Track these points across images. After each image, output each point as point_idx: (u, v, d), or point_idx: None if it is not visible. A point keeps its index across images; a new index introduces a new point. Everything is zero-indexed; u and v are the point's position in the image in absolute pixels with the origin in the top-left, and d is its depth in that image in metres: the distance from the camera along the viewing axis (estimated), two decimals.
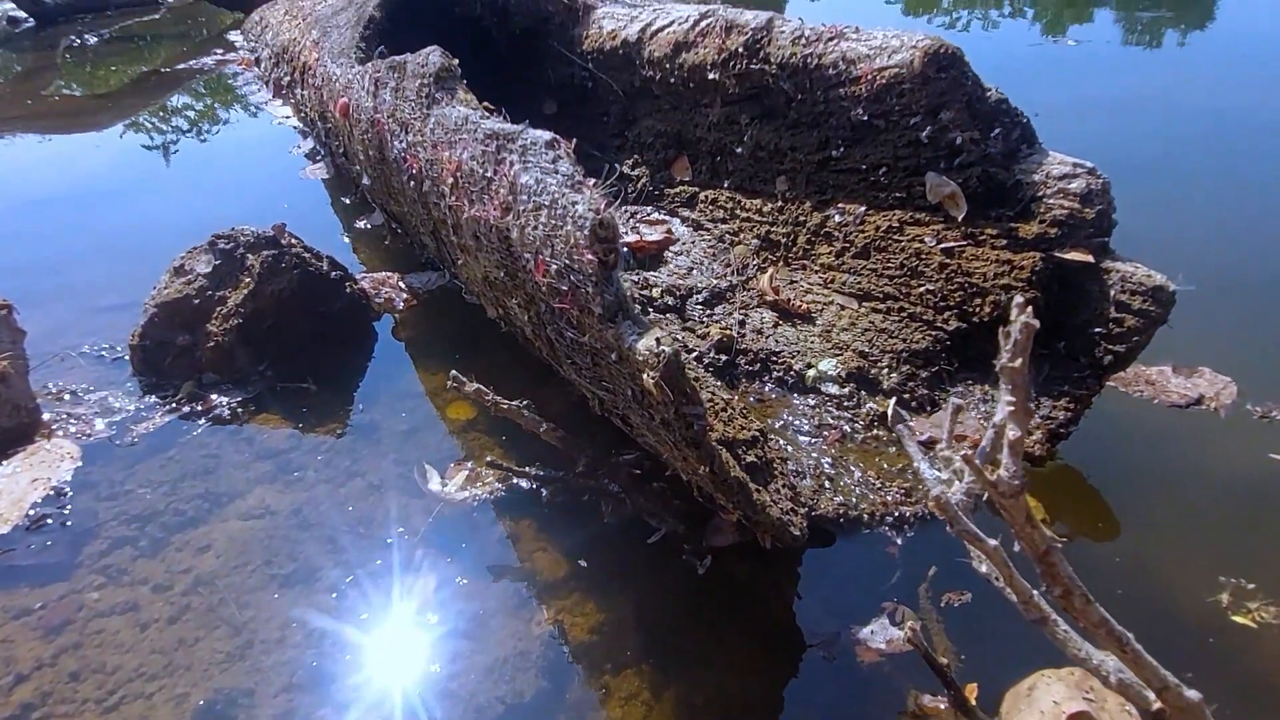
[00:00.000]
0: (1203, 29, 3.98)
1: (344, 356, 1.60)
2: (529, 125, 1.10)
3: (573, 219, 0.86)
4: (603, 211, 0.84)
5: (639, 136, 2.01)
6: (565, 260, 0.89)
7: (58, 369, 1.60)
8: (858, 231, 1.45)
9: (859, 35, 1.43)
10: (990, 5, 4.96)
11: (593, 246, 0.84)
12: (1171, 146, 2.38)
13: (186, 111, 3.55)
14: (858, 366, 1.32)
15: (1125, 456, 1.29)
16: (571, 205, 0.87)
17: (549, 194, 0.91)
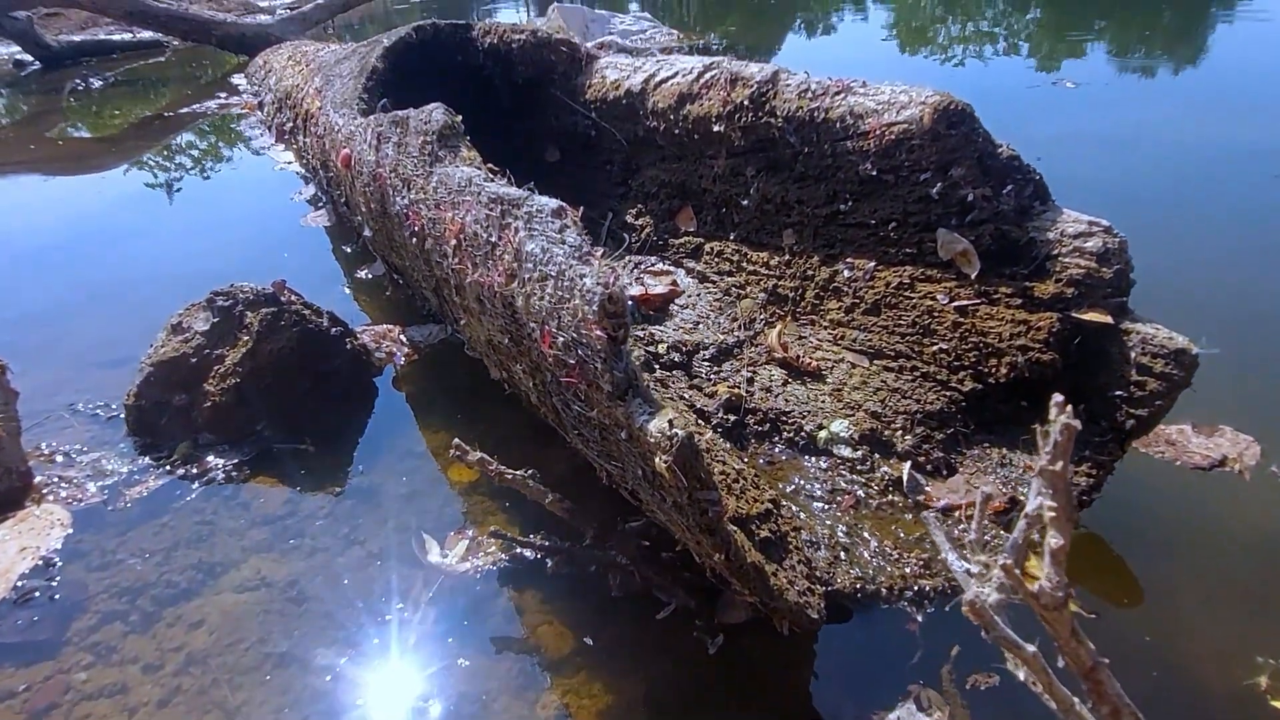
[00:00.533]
0: (1195, 65, 4.01)
1: (344, 414, 1.56)
2: (534, 188, 1.08)
3: (581, 292, 0.83)
4: (612, 286, 0.81)
5: (643, 186, 2.00)
6: (573, 334, 0.86)
7: (51, 428, 1.57)
8: (868, 287, 1.42)
9: (866, 90, 1.41)
10: (984, 42, 5.01)
11: (602, 322, 0.81)
12: (1180, 186, 2.36)
13: (189, 156, 3.56)
14: (870, 428, 1.28)
15: (1149, 521, 1.25)
16: (579, 278, 0.84)
17: (556, 264, 0.89)
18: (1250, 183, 2.35)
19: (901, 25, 5.87)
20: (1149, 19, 5.26)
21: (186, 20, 5.28)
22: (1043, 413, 1.21)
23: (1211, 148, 2.66)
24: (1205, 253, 1.97)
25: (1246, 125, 2.85)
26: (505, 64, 2.29)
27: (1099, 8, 5.71)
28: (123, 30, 6.45)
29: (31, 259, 2.47)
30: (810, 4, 7.41)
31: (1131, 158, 2.63)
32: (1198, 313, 1.66)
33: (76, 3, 5.16)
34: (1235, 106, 3.11)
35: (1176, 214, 2.19)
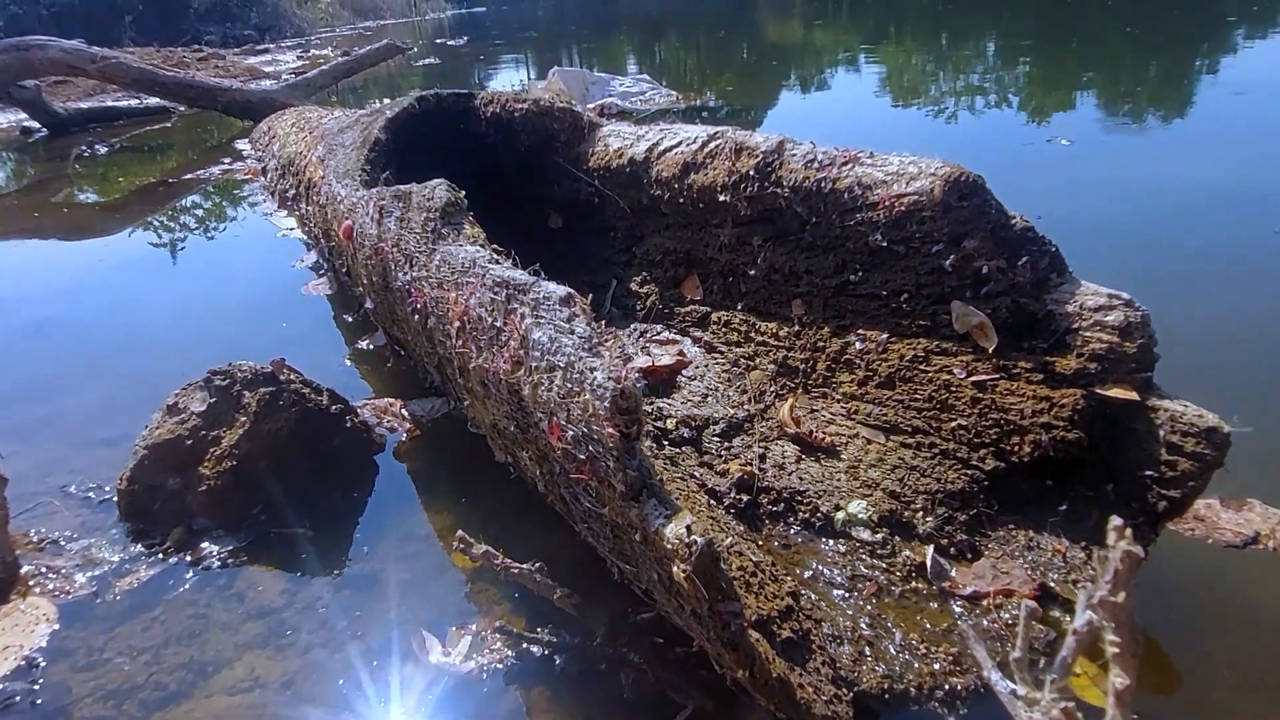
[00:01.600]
0: (1184, 116, 4.05)
1: (343, 495, 1.52)
2: (540, 270, 1.05)
3: (591, 387, 0.80)
4: (624, 380, 0.78)
5: (647, 254, 1.98)
6: (583, 428, 0.82)
7: (41, 513, 1.52)
8: (880, 360, 1.39)
9: (874, 160, 1.40)
10: (975, 96, 5.07)
11: (614, 419, 0.77)
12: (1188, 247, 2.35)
13: (192, 222, 3.57)
14: (890, 509, 1.23)
15: (1183, 602, 1.19)
16: (589, 371, 0.81)
17: (564, 355, 0.85)
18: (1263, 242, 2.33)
19: (894, 81, 5.97)
20: (1136, 72, 5.34)
21: (193, 87, 5.37)
22: (1069, 493, 1.17)
23: (1217, 204, 2.65)
24: (1218, 313, 1.94)
25: (1244, 174, 2.86)
26: (508, 132, 2.30)
27: (1085, 61, 5.80)
28: (130, 97, 6.55)
29: (30, 329, 2.45)
30: (804, 61, 7.56)
31: (1137, 218, 2.63)
32: (1219, 376, 1.63)
33: (84, 71, 5.25)
34: (1231, 158, 3.12)
35: (1189, 274, 2.17)
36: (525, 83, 7.56)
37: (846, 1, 15.81)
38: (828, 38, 9.34)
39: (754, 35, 10.58)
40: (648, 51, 10.03)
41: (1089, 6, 9.03)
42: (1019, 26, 8.13)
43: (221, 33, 13.14)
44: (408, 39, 10.65)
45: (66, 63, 5.12)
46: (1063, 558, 1.12)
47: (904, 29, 9.29)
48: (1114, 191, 2.88)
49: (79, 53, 5.13)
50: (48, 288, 2.83)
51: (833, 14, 13.46)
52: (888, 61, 6.86)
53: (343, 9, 19.07)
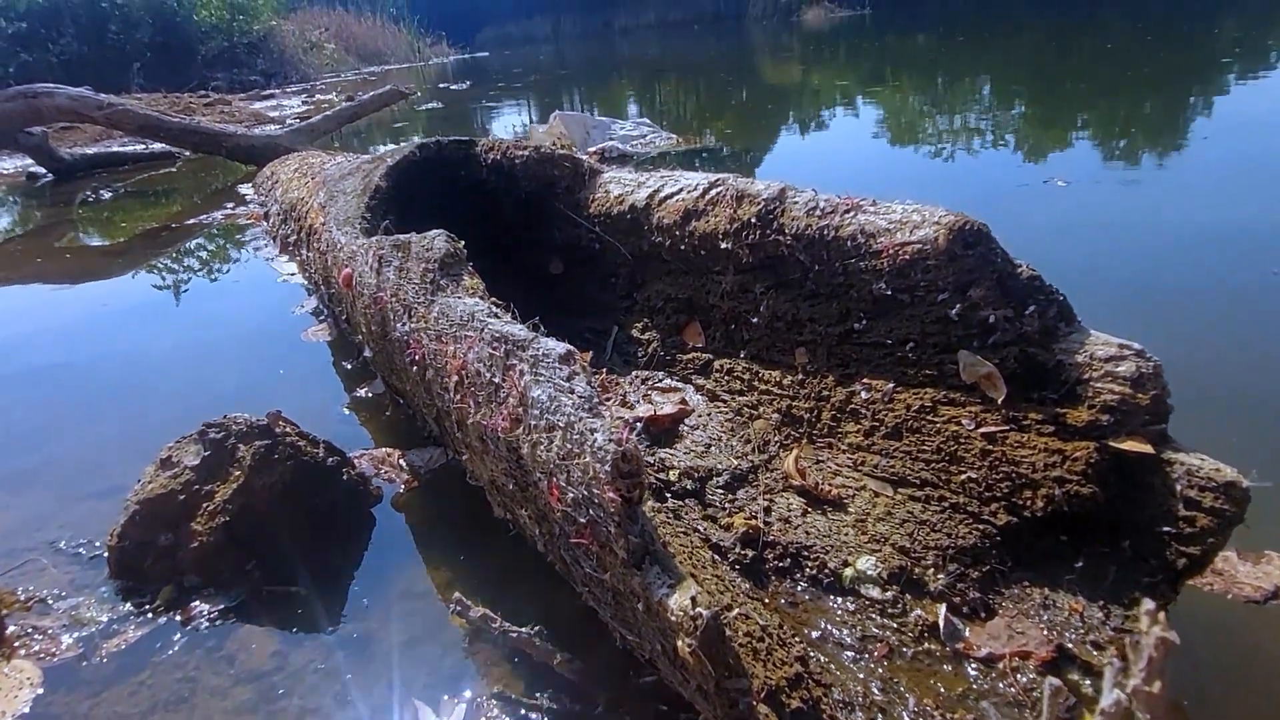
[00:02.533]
0: (1180, 155, 4.07)
1: (339, 551, 1.48)
2: (540, 325, 1.04)
3: (591, 449, 0.77)
4: (626, 442, 0.75)
5: (649, 300, 1.97)
6: (583, 490, 0.79)
7: (29, 570, 1.49)
8: (887, 409, 1.36)
9: (876, 208, 1.39)
10: (971, 137, 5.12)
11: (615, 483, 0.74)
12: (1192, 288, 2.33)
13: (193, 268, 3.57)
14: (899, 565, 1.20)
15: (1200, 660, 1.15)
16: (590, 432, 0.78)
17: (564, 414, 0.83)
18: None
19: (891, 122, 6.03)
20: (1131, 112, 5.39)
21: (197, 133, 5.43)
22: (1084, 549, 1.13)
23: (1216, 245, 2.64)
24: (1227, 358, 1.92)
25: (1242, 214, 2.85)
26: (508, 179, 2.30)
27: (1079, 101, 5.87)
28: (135, 142, 6.63)
29: (25, 376, 2.43)
30: (802, 104, 7.65)
31: (1138, 260, 2.62)
32: (1232, 425, 1.60)
33: (90, 118, 5.31)
34: (1228, 198, 3.12)
35: (1194, 318, 2.15)
36: (526, 126, 7.65)
37: (843, 44, 16.08)
38: (825, 80, 9.47)
39: (752, 78, 10.73)
40: (647, 94, 10.17)
41: (1083, 48, 9.17)
42: (1014, 69, 8.24)
43: (228, 78, 13.35)
44: (411, 83, 10.82)
45: (73, 110, 5.18)
46: (1080, 617, 1.08)
47: (899, 71, 9.41)
48: (1113, 232, 2.87)
49: (85, 99, 5.20)
50: (46, 333, 2.82)
51: (829, 57, 13.67)
52: (884, 103, 6.94)
53: (347, 54, 19.41)
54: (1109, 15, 13.26)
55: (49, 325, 2.90)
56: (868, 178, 4.17)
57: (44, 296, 3.33)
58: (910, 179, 4.05)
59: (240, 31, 14.44)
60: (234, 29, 14.35)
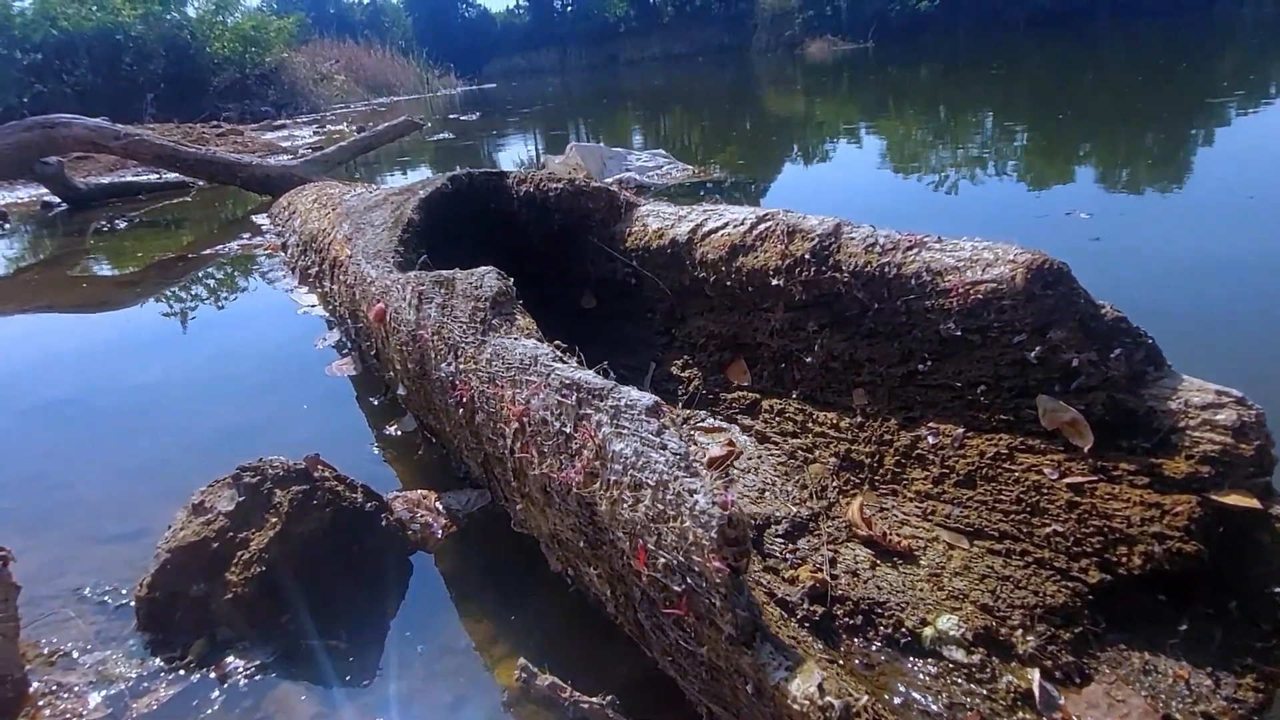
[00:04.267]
0: (1199, 185, 4.04)
1: (377, 601, 1.41)
2: (609, 369, 0.98)
3: (691, 513, 0.71)
4: (730, 507, 0.69)
5: (689, 336, 1.91)
6: (679, 557, 0.73)
7: (52, 620, 1.41)
8: (957, 456, 1.30)
9: (942, 245, 1.34)
10: (976, 168, 5.10)
11: (720, 551, 0.68)
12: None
13: (210, 299, 3.53)
14: (984, 625, 1.13)
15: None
16: (688, 494, 0.72)
17: (654, 472, 0.77)
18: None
19: (903, 154, 6.02)
20: (1132, 141, 5.38)
21: (213, 163, 5.42)
22: (1188, 610, 1.06)
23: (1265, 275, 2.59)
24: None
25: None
26: (541, 211, 2.26)
27: (1082, 132, 5.86)
28: (149, 172, 6.64)
29: (43, 412, 2.37)
30: (811, 135, 7.67)
31: (1193, 293, 2.55)
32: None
33: (107, 148, 5.30)
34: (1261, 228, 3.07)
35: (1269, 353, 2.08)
36: (534, 157, 7.67)
37: (846, 76, 16.22)
38: (831, 111, 9.51)
39: (760, 107, 10.79)
40: (653, 125, 10.22)
41: (1084, 81, 9.21)
42: (1016, 101, 8.26)
43: (240, 109, 13.48)
44: (420, 114, 10.88)
45: (91, 140, 5.18)
46: (1186, 684, 1.01)
47: (905, 103, 9.45)
48: (1156, 265, 2.81)
49: (102, 130, 5.20)
50: (62, 366, 2.76)
51: (834, 88, 13.77)
52: (894, 134, 6.95)
53: (357, 85, 19.63)
54: (1109, 50, 13.38)
55: (64, 358, 2.85)
56: (879, 210, 4.13)
57: (59, 327, 3.29)
58: (922, 211, 4.01)
59: (252, 63, 14.61)
60: (246, 61, 14.52)
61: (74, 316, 3.40)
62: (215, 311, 3.33)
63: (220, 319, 3.22)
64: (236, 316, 3.24)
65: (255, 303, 3.37)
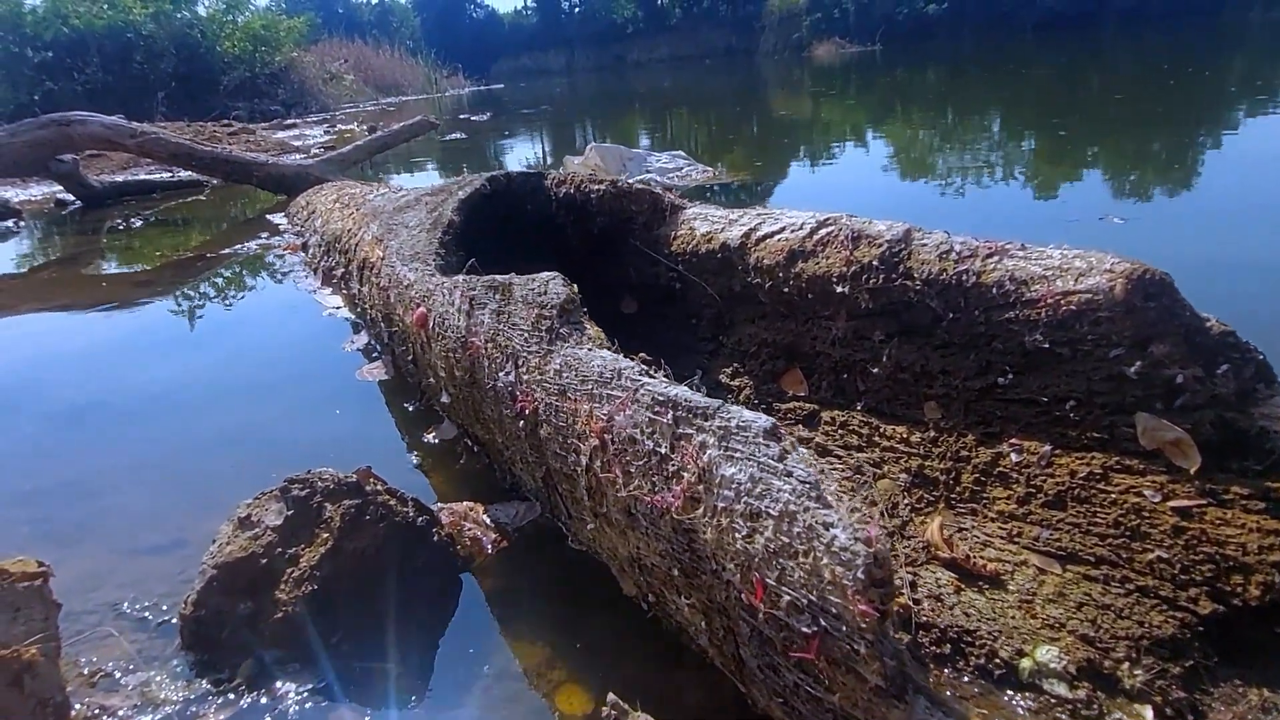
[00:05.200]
0: (1190, 189, 3.99)
1: (429, 621, 1.35)
2: (701, 385, 0.91)
3: (828, 549, 0.65)
4: (875, 544, 0.63)
5: (739, 344, 1.85)
6: (810, 596, 0.66)
7: (91, 637, 1.36)
8: (1044, 475, 1.23)
9: (1027, 252, 1.27)
10: (1002, 170, 5.04)
11: (866, 593, 0.62)
12: None
13: (232, 300, 3.47)
14: (1086, 656, 1.06)
15: None
16: (823, 528, 0.66)
17: (777, 501, 0.71)
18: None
19: (916, 156, 5.96)
20: (1140, 146, 5.32)
21: (229, 162, 5.38)
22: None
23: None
24: None
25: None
26: (581, 213, 2.20)
27: (1090, 136, 5.79)
28: (162, 170, 6.60)
29: (67, 416, 2.31)
30: (825, 137, 7.61)
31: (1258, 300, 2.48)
32: None
33: (123, 146, 5.26)
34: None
35: None
36: (542, 158, 7.62)
37: (853, 77, 16.16)
38: (842, 114, 9.44)
39: (769, 110, 10.74)
40: (661, 126, 10.17)
41: (1092, 83, 9.13)
42: (1029, 104, 8.19)
43: (249, 108, 13.45)
44: (430, 115, 10.84)
45: (107, 138, 5.14)
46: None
47: (919, 105, 9.38)
48: (1212, 271, 2.73)
49: (119, 128, 5.15)
50: (84, 366, 2.71)
51: (840, 89, 13.72)
52: (909, 138, 6.89)
53: (366, 85, 19.61)
54: (1117, 55, 13.30)
55: (86, 358, 2.80)
56: (903, 213, 4.06)
57: (80, 327, 3.24)
58: (945, 215, 3.95)
59: (262, 63, 14.59)
60: (256, 60, 14.51)
61: (94, 316, 3.34)
62: (238, 312, 3.28)
63: (243, 320, 3.17)
64: (260, 318, 3.18)
65: (279, 304, 3.31)
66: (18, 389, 2.53)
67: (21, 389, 2.53)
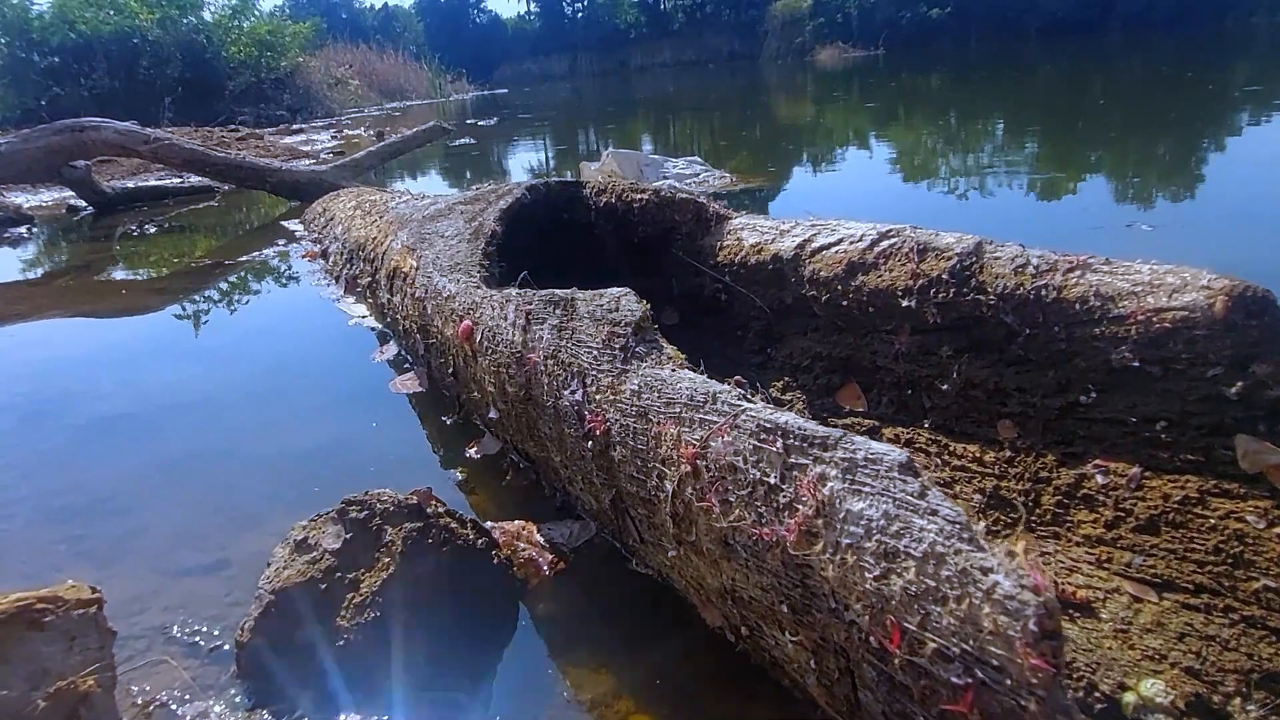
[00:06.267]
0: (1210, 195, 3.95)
1: (492, 648, 1.30)
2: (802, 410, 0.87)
3: (988, 595, 0.60)
4: (1044, 591, 0.59)
5: (789, 357, 1.81)
6: (963, 646, 0.62)
7: (141, 663, 1.31)
8: (1135, 498, 1.19)
9: (1111, 267, 1.23)
10: (985, 173, 5.01)
11: (1038, 646, 0.57)
12: None
13: (254, 309, 3.43)
14: (1193, 691, 1.02)
15: None
16: (979, 573, 0.62)
17: (918, 541, 0.66)
18: None
19: (942, 162, 5.93)
20: (1144, 151, 5.29)
21: (243, 168, 5.34)
22: None
23: None
24: None
25: None
26: (621, 223, 2.16)
27: (1091, 142, 5.76)
28: (173, 176, 6.56)
29: (97, 429, 2.27)
30: (821, 142, 7.58)
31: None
32: None
33: (136, 152, 5.23)
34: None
35: None
36: (544, 163, 7.59)
37: (857, 81, 16.15)
38: (847, 119, 9.41)
39: (775, 114, 10.71)
40: (666, 132, 10.15)
41: (1096, 88, 9.11)
42: (1040, 110, 8.16)
43: (255, 113, 13.44)
44: (435, 120, 10.82)
45: (120, 144, 5.10)
46: None
47: (925, 110, 9.35)
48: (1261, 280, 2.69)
49: (132, 134, 5.12)
50: (109, 379, 2.66)
51: (846, 94, 13.70)
52: (925, 143, 6.85)
53: (370, 90, 19.62)
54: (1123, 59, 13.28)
55: (109, 369, 2.75)
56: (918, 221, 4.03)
57: (100, 336, 3.20)
58: (964, 221, 3.92)
59: (268, 68, 14.58)
60: (261, 65, 14.49)
61: (115, 323, 3.31)
62: (259, 321, 3.24)
63: (266, 329, 3.12)
64: (284, 327, 3.14)
65: (301, 313, 3.27)
66: (43, 399, 2.49)
67: (47, 399, 2.49)
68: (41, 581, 1.47)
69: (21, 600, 1.12)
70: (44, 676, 1.09)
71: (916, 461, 0.71)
